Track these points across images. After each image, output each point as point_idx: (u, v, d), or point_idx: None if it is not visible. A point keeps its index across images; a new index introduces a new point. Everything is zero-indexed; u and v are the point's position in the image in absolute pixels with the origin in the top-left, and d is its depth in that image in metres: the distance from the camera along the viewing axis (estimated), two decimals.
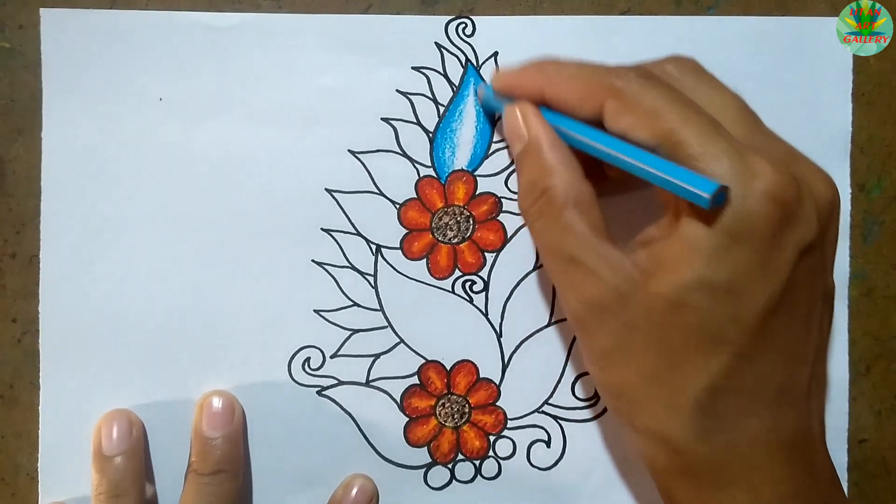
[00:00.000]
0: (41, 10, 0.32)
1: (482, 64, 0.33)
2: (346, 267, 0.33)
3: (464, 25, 0.33)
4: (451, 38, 0.33)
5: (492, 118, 0.33)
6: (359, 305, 0.33)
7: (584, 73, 0.28)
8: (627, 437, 0.28)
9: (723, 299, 0.25)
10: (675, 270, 0.25)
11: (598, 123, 0.28)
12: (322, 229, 0.33)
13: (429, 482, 0.34)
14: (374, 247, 0.33)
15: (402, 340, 0.34)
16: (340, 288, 0.33)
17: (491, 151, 0.34)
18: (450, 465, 0.34)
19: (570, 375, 0.34)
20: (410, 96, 0.33)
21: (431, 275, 0.34)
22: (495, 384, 0.34)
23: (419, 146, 0.33)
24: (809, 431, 0.27)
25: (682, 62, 0.29)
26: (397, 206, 0.34)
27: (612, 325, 0.26)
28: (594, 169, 0.29)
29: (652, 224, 0.28)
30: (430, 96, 0.33)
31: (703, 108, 0.26)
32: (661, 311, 0.25)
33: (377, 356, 0.34)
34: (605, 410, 0.34)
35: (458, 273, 0.34)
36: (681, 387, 0.26)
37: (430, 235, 0.34)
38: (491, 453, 0.34)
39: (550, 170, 0.28)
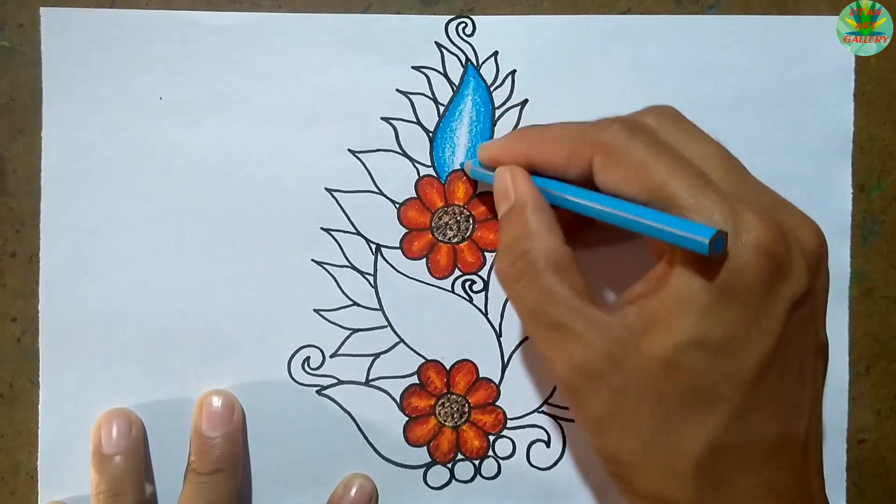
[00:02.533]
0: (41, 9, 0.32)
1: (482, 63, 0.33)
2: (346, 266, 0.33)
3: (464, 25, 0.33)
4: (451, 37, 0.33)
5: (492, 118, 0.33)
6: (358, 305, 0.33)
7: (568, 132, 0.28)
8: (625, 500, 0.28)
9: (716, 357, 0.24)
10: (668, 328, 0.24)
11: (587, 183, 0.27)
12: (322, 229, 0.33)
13: (428, 482, 0.34)
14: (373, 246, 0.34)
15: (401, 340, 0.34)
16: (340, 287, 0.33)
17: None
18: (449, 465, 0.34)
19: None
20: (410, 96, 0.33)
21: (431, 274, 0.34)
22: (495, 384, 0.34)
23: (419, 146, 0.33)
24: (808, 483, 0.26)
25: (661, 112, 0.28)
26: (397, 206, 0.34)
27: (603, 391, 0.26)
28: (576, 228, 0.29)
29: (638, 281, 0.27)
30: (430, 96, 0.33)
31: (690, 160, 0.26)
32: (654, 372, 0.25)
33: (377, 356, 0.34)
34: None
35: (457, 273, 0.34)
36: (678, 449, 0.25)
37: (430, 235, 0.34)
38: (490, 453, 0.34)
39: (532, 233, 0.27)
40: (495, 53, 0.33)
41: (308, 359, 0.33)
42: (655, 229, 0.24)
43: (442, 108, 0.33)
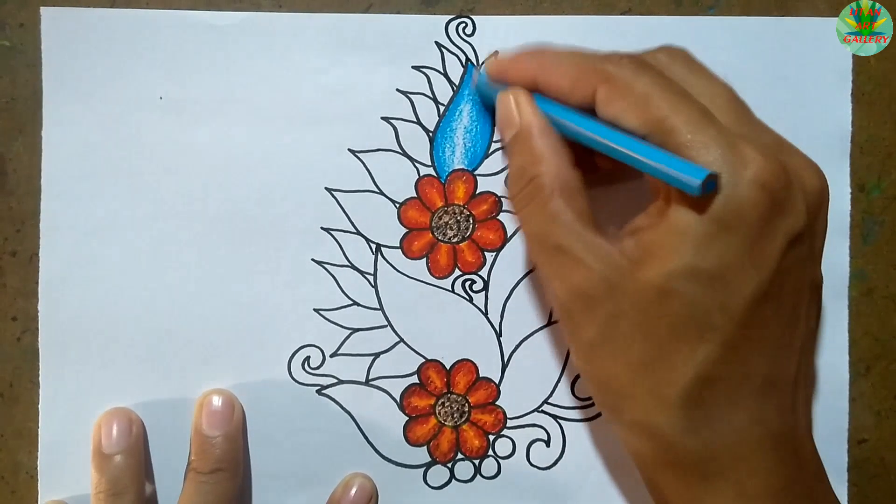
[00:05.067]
0: (42, 8, 0.32)
1: (482, 63, 0.33)
2: (346, 266, 0.33)
3: (464, 25, 0.33)
4: (452, 37, 0.33)
5: (491, 117, 0.33)
6: (359, 304, 0.33)
7: (576, 59, 0.28)
8: (615, 430, 0.28)
9: (711, 287, 0.25)
10: (663, 258, 0.25)
11: (590, 111, 0.28)
12: (322, 228, 0.33)
13: (428, 481, 0.34)
14: (374, 246, 0.34)
15: (401, 339, 0.34)
16: (340, 287, 0.33)
17: (491, 151, 0.34)
18: (449, 465, 0.34)
19: (569, 375, 0.34)
20: (411, 95, 0.33)
21: (431, 274, 0.34)
22: (495, 383, 0.34)
23: (419, 145, 0.33)
24: (796, 423, 0.27)
25: (673, 52, 0.28)
26: (397, 206, 0.34)
27: (598, 315, 0.26)
28: (585, 159, 0.29)
29: (640, 213, 0.27)
30: (431, 95, 0.33)
31: (695, 97, 0.26)
32: (648, 299, 0.25)
33: (377, 355, 0.34)
34: None
35: (457, 272, 0.34)
36: (668, 378, 0.25)
37: (430, 235, 0.34)
38: (490, 452, 0.34)
39: (539, 157, 0.28)
40: (495, 53, 0.33)
41: (308, 358, 0.33)
42: (650, 166, 0.25)
43: (442, 108, 0.33)
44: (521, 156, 0.28)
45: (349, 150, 0.33)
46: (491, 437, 0.34)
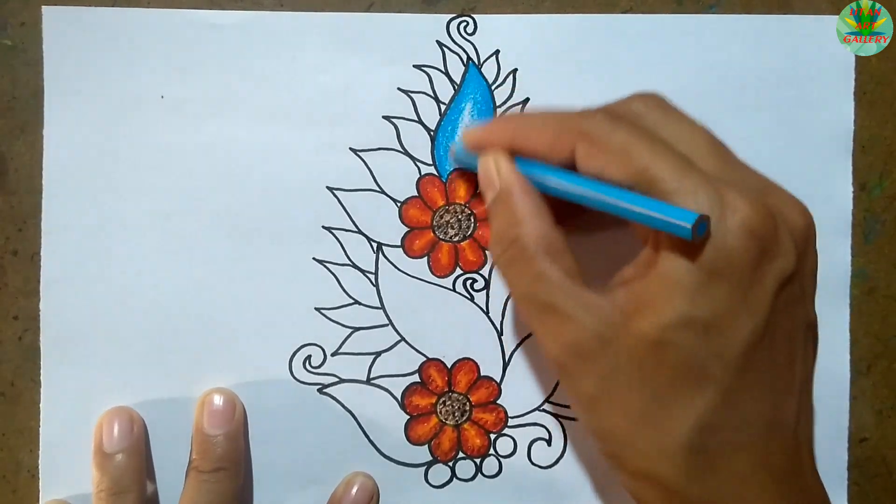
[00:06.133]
0: (43, 7, 0.32)
1: (483, 62, 0.33)
2: (348, 265, 0.33)
3: (465, 24, 0.33)
4: (453, 36, 0.33)
5: (493, 117, 0.33)
6: (360, 303, 0.33)
7: (551, 120, 0.28)
8: (619, 479, 0.28)
9: (705, 336, 0.25)
10: (657, 309, 0.25)
11: (571, 168, 0.27)
12: (323, 227, 0.33)
13: (429, 480, 0.34)
14: (375, 245, 0.34)
15: (402, 338, 0.34)
16: (341, 286, 0.33)
17: None
18: (450, 464, 0.34)
19: None
20: (412, 94, 0.33)
21: (432, 273, 0.34)
22: (496, 382, 0.34)
23: (421, 144, 0.33)
24: (799, 462, 0.27)
25: (647, 99, 0.28)
26: (398, 204, 0.34)
27: (595, 370, 0.26)
28: (567, 211, 0.29)
29: (628, 264, 0.27)
30: (432, 94, 0.33)
31: (673, 144, 0.26)
32: (644, 351, 0.25)
33: (378, 354, 0.34)
34: None
35: (459, 271, 0.34)
36: (669, 427, 0.25)
37: (432, 233, 0.34)
38: (492, 451, 0.34)
39: (521, 218, 0.27)
40: (497, 52, 0.33)
41: (309, 357, 0.33)
42: (639, 214, 0.24)
43: (443, 107, 0.33)
44: (502, 217, 0.28)
45: (350, 148, 0.33)
46: (492, 436, 0.34)
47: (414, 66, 0.33)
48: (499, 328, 0.34)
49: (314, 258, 0.33)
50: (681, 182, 0.25)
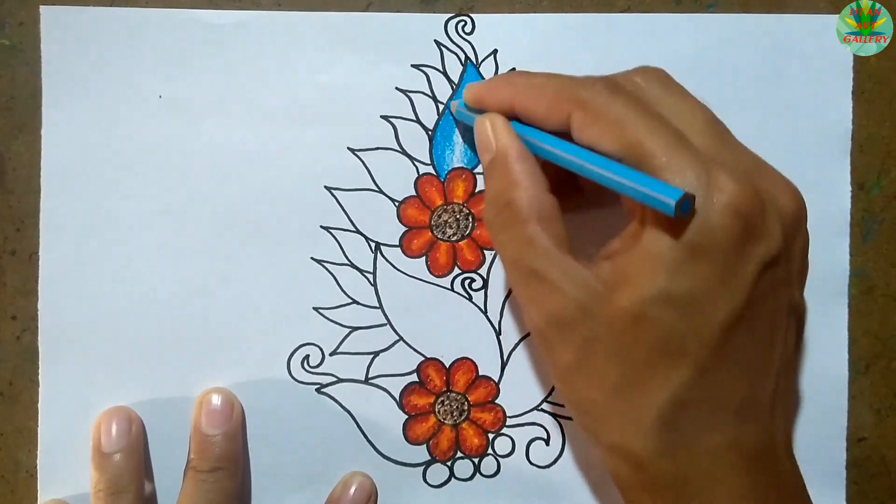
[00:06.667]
0: (41, 7, 0.32)
1: (482, 62, 0.33)
2: (346, 264, 0.33)
3: (463, 23, 0.33)
4: (451, 35, 0.33)
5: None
6: (358, 303, 0.33)
7: (551, 84, 0.28)
8: (594, 451, 0.28)
9: (684, 312, 0.25)
10: (637, 283, 0.25)
11: (567, 135, 0.27)
12: (321, 227, 0.33)
13: (428, 480, 0.34)
14: (373, 244, 0.34)
15: (401, 338, 0.34)
16: (340, 285, 0.33)
17: None
18: (449, 463, 0.34)
19: None
20: (410, 94, 0.33)
21: (431, 272, 0.34)
22: (494, 382, 0.34)
23: (419, 144, 0.33)
24: (773, 443, 0.27)
25: (649, 73, 0.28)
26: (397, 204, 0.34)
27: (574, 340, 0.26)
28: (568, 182, 0.29)
29: (616, 237, 0.27)
30: (430, 94, 0.33)
31: (670, 120, 0.26)
32: (622, 325, 0.25)
33: (376, 354, 0.34)
34: None
35: (457, 271, 0.34)
36: (643, 402, 0.25)
37: (430, 233, 0.34)
38: (490, 451, 0.34)
39: (516, 182, 0.28)
40: (495, 52, 0.33)
41: (307, 357, 0.33)
42: (626, 186, 0.25)
43: (441, 107, 0.33)
44: (497, 180, 0.28)
45: (348, 148, 0.33)
46: (490, 436, 0.34)
47: (412, 65, 0.33)
48: (497, 328, 0.34)
49: (312, 258, 0.33)
50: (671, 158, 0.25)
